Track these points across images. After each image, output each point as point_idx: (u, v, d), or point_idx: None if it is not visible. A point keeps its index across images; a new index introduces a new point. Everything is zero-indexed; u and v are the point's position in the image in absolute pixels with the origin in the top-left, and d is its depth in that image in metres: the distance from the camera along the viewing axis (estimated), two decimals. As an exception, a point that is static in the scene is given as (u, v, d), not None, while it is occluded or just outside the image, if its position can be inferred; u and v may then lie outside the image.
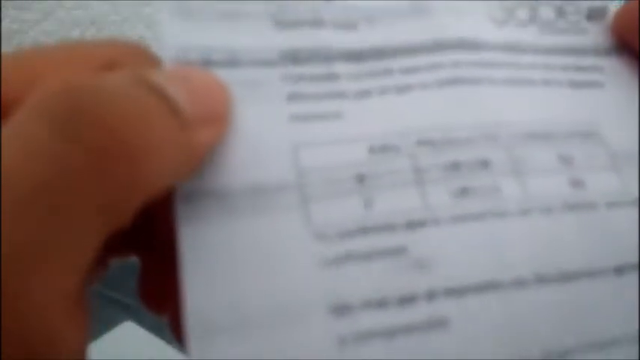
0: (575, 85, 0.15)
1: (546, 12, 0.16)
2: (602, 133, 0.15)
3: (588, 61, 0.16)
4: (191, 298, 0.11)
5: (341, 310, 0.11)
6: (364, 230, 0.12)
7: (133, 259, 0.15)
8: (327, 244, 0.12)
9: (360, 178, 0.13)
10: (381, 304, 0.12)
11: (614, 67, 0.16)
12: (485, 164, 0.13)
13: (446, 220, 0.13)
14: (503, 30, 0.16)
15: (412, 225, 0.12)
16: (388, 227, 0.12)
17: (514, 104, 0.14)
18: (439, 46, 0.15)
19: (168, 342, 0.30)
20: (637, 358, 0.13)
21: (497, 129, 0.14)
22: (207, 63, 0.13)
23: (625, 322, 0.13)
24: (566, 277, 0.13)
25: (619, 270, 0.13)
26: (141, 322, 0.31)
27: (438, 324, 0.12)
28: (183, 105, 0.11)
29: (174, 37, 0.13)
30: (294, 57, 0.14)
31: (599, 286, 0.13)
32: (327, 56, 0.14)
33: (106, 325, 0.31)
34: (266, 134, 0.13)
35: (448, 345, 0.11)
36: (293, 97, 0.13)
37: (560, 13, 0.16)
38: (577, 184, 0.14)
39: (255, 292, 0.11)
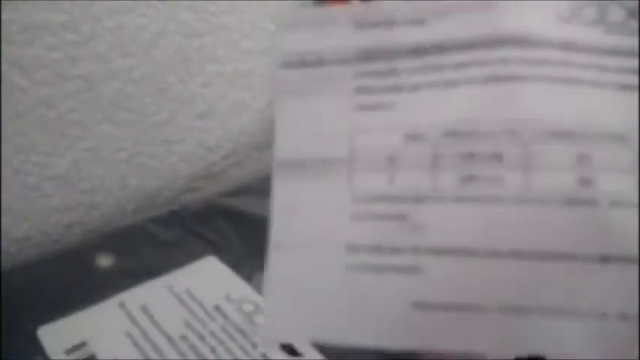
0: (625, 87, 0.16)
1: (617, 12, 0.16)
2: (634, 137, 0.15)
3: None
4: (275, 225, 0.17)
5: (352, 249, 0.16)
6: (384, 199, 0.16)
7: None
8: (357, 204, 0.16)
9: (391, 159, 0.16)
10: (377, 249, 0.16)
11: None
12: (498, 157, 0.15)
13: (447, 200, 0.15)
14: (565, 28, 0.16)
15: (418, 199, 0.16)
16: (400, 199, 0.16)
17: (548, 102, 0.15)
18: (494, 42, 0.16)
19: (247, 280, 0.32)
20: (598, 329, 0.14)
21: (522, 125, 0.15)
22: (303, 64, 0.17)
23: (593, 301, 0.14)
24: (544, 256, 0.15)
25: (604, 258, 0.14)
26: (222, 258, 0.34)
27: (414, 270, 0.15)
28: None
29: (281, 46, 0.18)
30: (366, 55, 0.17)
31: (579, 269, 0.14)
32: (392, 53, 0.17)
33: (190, 257, 0.34)
34: (335, 119, 0.17)
35: (420, 286, 0.15)
36: (359, 91, 0.17)
37: (632, 13, 0.16)
38: (586, 182, 0.15)
39: (305, 226, 0.17)
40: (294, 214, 0.17)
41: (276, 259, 0.17)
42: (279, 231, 0.17)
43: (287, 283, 0.17)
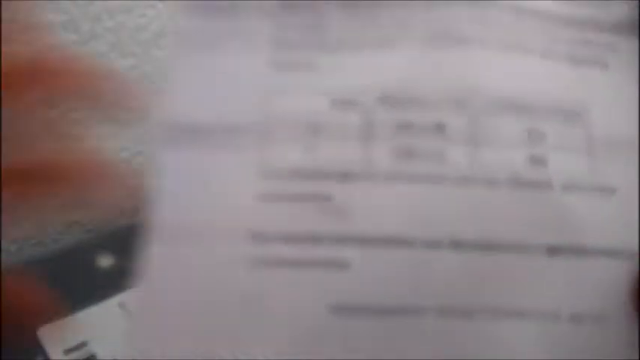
0: (576, 61, 0.14)
1: None
2: (588, 115, 0.14)
3: (603, 37, 0.15)
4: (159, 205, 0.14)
5: (259, 237, 0.13)
6: (302, 174, 0.13)
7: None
8: (268, 181, 0.13)
9: (315, 128, 0.14)
10: (293, 238, 0.13)
11: (631, 48, 0.15)
12: (440, 128, 0.13)
13: (380, 178, 0.13)
14: None
15: (345, 177, 0.13)
16: (323, 175, 0.13)
17: (498, 70, 0.14)
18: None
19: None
20: (546, 332, 0.13)
21: (468, 93, 0.14)
22: (211, 12, 0.14)
23: (541, 298, 0.13)
24: (489, 248, 0.13)
25: (552, 250, 0.13)
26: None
27: (338, 265, 0.13)
28: None
29: None
30: (288, 5, 0.14)
31: (526, 262, 0.13)
32: (319, 4, 0.14)
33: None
34: (245, 77, 0.14)
35: (344, 284, 0.13)
36: (277, 46, 0.14)
37: None
38: (537, 161, 0.13)
39: (198, 207, 0.13)
40: (186, 194, 0.14)
41: (159, 252, 0.13)
42: (165, 215, 0.13)
43: (172, 282, 0.13)
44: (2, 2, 0.34)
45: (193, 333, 0.13)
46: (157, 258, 0.13)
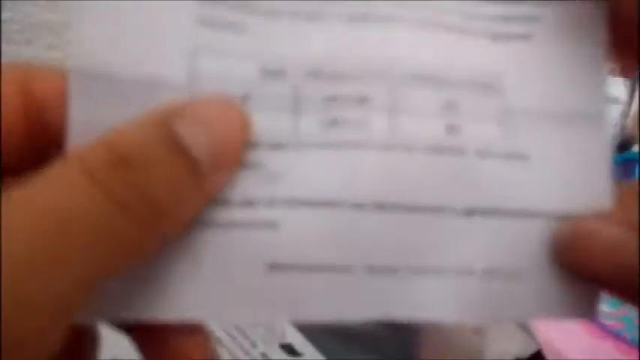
0: (495, 36, 0.15)
1: None
2: (502, 87, 0.15)
3: (524, 8, 0.15)
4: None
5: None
6: None
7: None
8: None
9: (245, 96, 0.14)
10: (225, 202, 0.13)
11: (553, 17, 0.15)
12: (363, 100, 0.14)
13: (308, 146, 0.14)
14: None
15: (275, 146, 0.14)
16: (254, 144, 0.13)
17: (416, 46, 0.14)
18: None
19: None
20: (461, 289, 0.14)
21: (388, 67, 0.14)
22: None
23: (458, 256, 0.14)
24: (410, 209, 0.14)
25: (469, 211, 0.14)
26: None
27: (269, 226, 0.13)
28: (203, 160, 0.12)
29: None
30: None
31: (444, 222, 0.14)
32: None
33: None
34: (169, 30, 0.13)
35: (274, 243, 0.13)
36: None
37: None
38: (453, 129, 0.14)
39: None
40: None
41: None
42: None
43: None
44: (2, 2, 0.34)
45: (123, 296, 0.13)
46: None
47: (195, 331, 0.14)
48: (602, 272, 0.13)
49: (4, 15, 0.34)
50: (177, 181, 0.12)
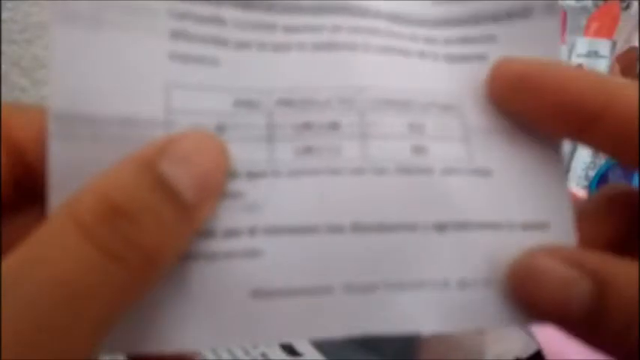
0: (452, 59, 0.16)
1: None
2: (462, 107, 0.15)
3: (480, 29, 0.16)
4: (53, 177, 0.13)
5: None
6: None
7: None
8: None
9: (220, 127, 0.14)
10: (209, 234, 0.13)
11: (510, 35, 0.16)
12: (334, 126, 0.14)
13: (284, 174, 0.14)
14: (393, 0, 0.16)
15: (252, 175, 0.14)
16: (232, 174, 0.14)
17: (380, 72, 0.15)
18: (325, 9, 0.15)
19: None
20: (438, 300, 0.14)
21: (356, 94, 0.15)
22: None
23: (433, 269, 0.14)
24: (384, 228, 0.14)
25: (440, 227, 0.14)
26: None
27: (253, 254, 0.14)
28: (187, 195, 0.12)
29: None
30: None
31: (418, 238, 0.14)
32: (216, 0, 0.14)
33: None
34: (143, 67, 0.14)
35: (257, 271, 0.13)
36: (176, 35, 0.14)
37: None
38: (419, 150, 0.15)
39: None
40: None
41: None
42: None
43: None
44: (2, 2, 0.34)
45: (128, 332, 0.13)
46: None
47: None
48: (549, 308, 0.13)
49: (4, 15, 0.34)
50: (168, 222, 0.12)
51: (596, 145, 0.14)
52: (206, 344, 0.14)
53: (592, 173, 0.51)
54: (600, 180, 0.48)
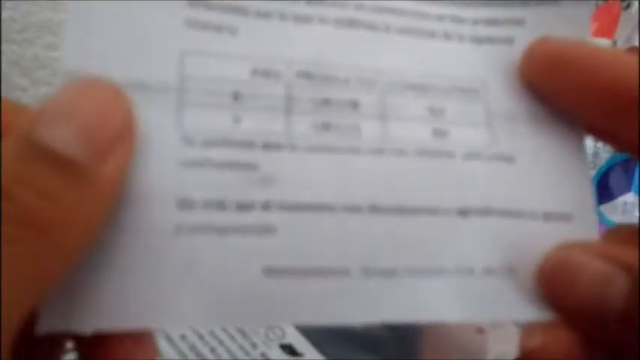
0: (479, 40, 0.15)
1: None
2: (486, 91, 0.15)
3: (509, 12, 0.15)
4: None
5: (184, 204, 0.13)
6: (226, 143, 0.13)
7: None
8: (190, 148, 0.13)
9: (236, 96, 0.14)
10: (220, 205, 0.13)
11: (538, 19, 0.15)
12: (354, 105, 0.14)
13: (301, 149, 0.14)
14: None
15: (269, 146, 0.13)
16: (247, 144, 0.13)
17: (402, 53, 0.15)
18: None
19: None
20: (462, 288, 0.14)
21: (376, 75, 0.15)
22: None
23: (457, 255, 0.14)
24: (404, 211, 0.14)
25: (464, 212, 0.14)
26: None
27: (265, 230, 0.13)
28: (76, 156, 0.11)
29: None
30: None
31: (439, 223, 0.14)
32: None
33: None
34: (158, 33, 0.13)
35: (270, 247, 0.13)
36: (195, 2, 0.14)
37: None
38: (440, 134, 0.14)
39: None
40: None
41: None
42: None
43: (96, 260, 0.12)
44: (2, 2, 0.34)
45: (117, 305, 0.12)
46: None
47: (141, 338, 0.13)
48: (583, 304, 0.13)
49: (4, 14, 0.34)
50: (56, 192, 0.11)
51: (625, 133, 0.13)
52: (211, 321, 0.13)
53: (592, 173, 0.51)
54: (601, 179, 0.48)
